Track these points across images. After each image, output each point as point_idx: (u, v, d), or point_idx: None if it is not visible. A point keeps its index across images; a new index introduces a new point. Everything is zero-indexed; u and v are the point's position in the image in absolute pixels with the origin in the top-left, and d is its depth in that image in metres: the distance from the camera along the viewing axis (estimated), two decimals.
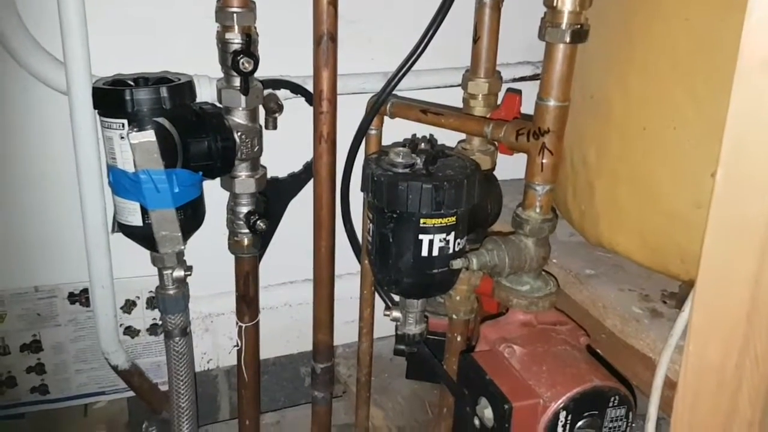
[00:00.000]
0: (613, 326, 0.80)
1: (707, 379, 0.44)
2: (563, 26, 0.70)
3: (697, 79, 0.73)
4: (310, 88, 0.98)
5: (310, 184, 1.01)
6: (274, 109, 0.97)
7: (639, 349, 0.76)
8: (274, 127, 0.98)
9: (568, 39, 0.70)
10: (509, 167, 0.96)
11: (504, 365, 0.74)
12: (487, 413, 0.71)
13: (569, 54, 0.71)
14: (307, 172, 1.10)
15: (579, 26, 0.70)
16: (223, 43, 0.85)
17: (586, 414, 0.70)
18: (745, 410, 0.42)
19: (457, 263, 0.78)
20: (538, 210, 0.78)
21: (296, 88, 1.02)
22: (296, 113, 1.01)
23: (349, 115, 0.98)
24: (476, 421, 0.74)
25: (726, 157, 0.41)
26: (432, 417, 1.18)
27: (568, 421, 0.69)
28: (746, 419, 0.42)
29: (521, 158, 0.81)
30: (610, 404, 0.71)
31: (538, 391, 0.70)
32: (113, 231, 0.89)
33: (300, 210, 1.09)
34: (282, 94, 1.01)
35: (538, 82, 0.76)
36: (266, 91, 0.97)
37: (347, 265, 1.10)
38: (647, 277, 0.85)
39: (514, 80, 1.13)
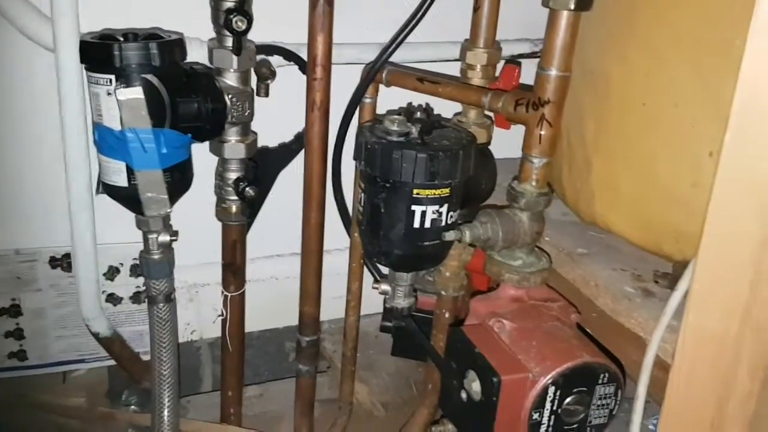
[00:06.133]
0: (605, 305, 0.79)
1: (706, 349, 0.43)
2: None
3: (702, 54, 0.72)
4: (304, 55, 0.95)
5: (301, 156, 1.00)
6: (267, 75, 0.95)
7: (630, 328, 0.75)
8: (266, 94, 0.96)
9: (572, 5, 0.68)
10: (504, 145, 0.95)
11: (493, 339, 0.73)
12: (475, 386, 0.70)
13: (573, 22, 0.69)
14: (298, 142, 1.08)
15: None
16: (215, 1, 0.83)
17: (575, 390, 0.69)
18: (744, 382, 0.41)
19: (449, 235, 0.76)
20: (534, 183, 0.77)
21: (290, 55, 1.00)
22: (289, 81, 0.99)
23: (343, 86, 0.96)
24: (463, 395, 0.73)
25: (736, 117, 0.39)
26: (416, 394, 1.18)
27: (557, 397, 0.68)
28: (745, 391, 0.41)
29: (517, 137, 0.80)
30: (600, 381, 0.70)
31: (527, 366, 0.69)
32: (98, 192, 0.87)
33: (290, 182, 1.07)
34: (275, 61, 0.99)
35: (536, 60, 0.75)
36: (259, 57, 0.94)
37: (335, 240, 1.09)
38: (640, 257, 0.84)
39: (513, 57, 1.12)
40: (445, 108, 0.94)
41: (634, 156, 0.81)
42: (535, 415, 0.68)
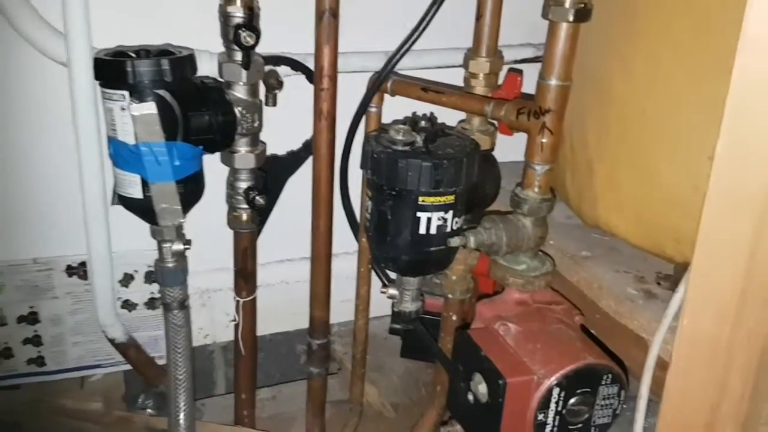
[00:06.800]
0: (608, 306, 0.80)
1: (700, 353, 0.45)
2: (567, 5, 0.70)
3: (698, 62, 0.73)
4: (310, 65, 0.97)
5: (309, 163, 1.01)
6: (274, 85, 0.97)
7: (632, 329, 0.77)
8: (274, 104, 0.98)
9: (571, 18, 0.70)
10: (508, 149, 0.96)
11: (499, 342, 0.75)
12: (482, 389, 0.72)
13: (572, 33, 0.71)
14: (306, 150, 1.10)
15: (583, 5, 0.70)
16: (225, 17, 0.85)
17: (579, 391, 0.71)
18: (736, 385, 0.43)
19: (454, 241, 0.78)
20: (536, 190, 0.79)
21: (297, 65, 1.02)
22: (296, 91, 1.01)
23: (350, 94, 0.98)
24: (470, 397, 0.75)
25: (727, 129, 0.41)
26: (425, 395, 1.19)
27: (561, 398, 0.70)
28: (737, 393, 0.43)
29: (520, 140, 0.82)
30: (603, 382, 0.72)
31: (532, 368, 0.70)
32: (113, 203, 0.89)
33: (298, 188, 1.09)
34: (282, 71, 1.01)
35: (539, 64, 0.76)
36: (266, 68, 0.96)
37: (344, 244, 1.10)
38: (643, 259, 0.86)
39: (516, 62, 1.13)
40: (450, 115, 0.95)
41: (635, 160, 0.82)
42: (540, 416, 0.70)
